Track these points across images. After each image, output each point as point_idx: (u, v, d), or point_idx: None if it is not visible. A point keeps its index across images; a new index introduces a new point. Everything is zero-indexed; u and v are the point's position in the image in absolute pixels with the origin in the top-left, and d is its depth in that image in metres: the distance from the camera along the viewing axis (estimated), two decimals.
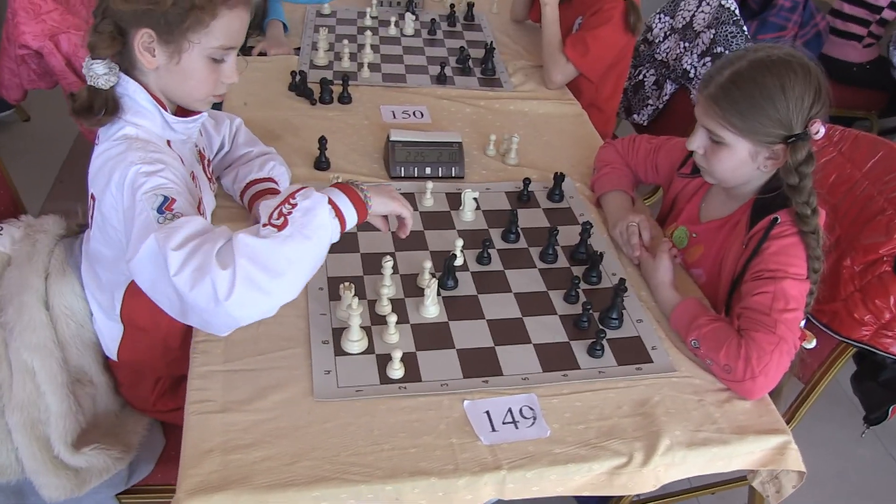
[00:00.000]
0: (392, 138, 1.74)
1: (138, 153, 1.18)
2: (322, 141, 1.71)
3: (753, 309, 1.31)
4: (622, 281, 1.41)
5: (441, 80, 2.13)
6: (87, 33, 1.22)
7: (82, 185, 1.28)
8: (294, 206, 1.09)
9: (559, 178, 1.72)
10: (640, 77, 2.57)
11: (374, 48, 2.23)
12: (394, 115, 1.96)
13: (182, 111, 1.34)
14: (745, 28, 2.30)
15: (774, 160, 1.37)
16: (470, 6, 2.52)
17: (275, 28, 2.29)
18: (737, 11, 2.33)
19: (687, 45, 2.43)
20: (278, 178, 1.58)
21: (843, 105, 3.25)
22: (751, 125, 1.33)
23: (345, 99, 1.98)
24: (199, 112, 1.34)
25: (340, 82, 2.00)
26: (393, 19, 2.38)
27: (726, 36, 2.30)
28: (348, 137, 1.86)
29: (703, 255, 1.53)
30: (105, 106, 1.22)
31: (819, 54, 3.10)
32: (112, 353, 1.41)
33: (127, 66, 1.24)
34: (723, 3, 2.36)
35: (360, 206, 1.17)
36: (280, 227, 1.06)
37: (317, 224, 1.09)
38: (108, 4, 1.19)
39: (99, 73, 1.20)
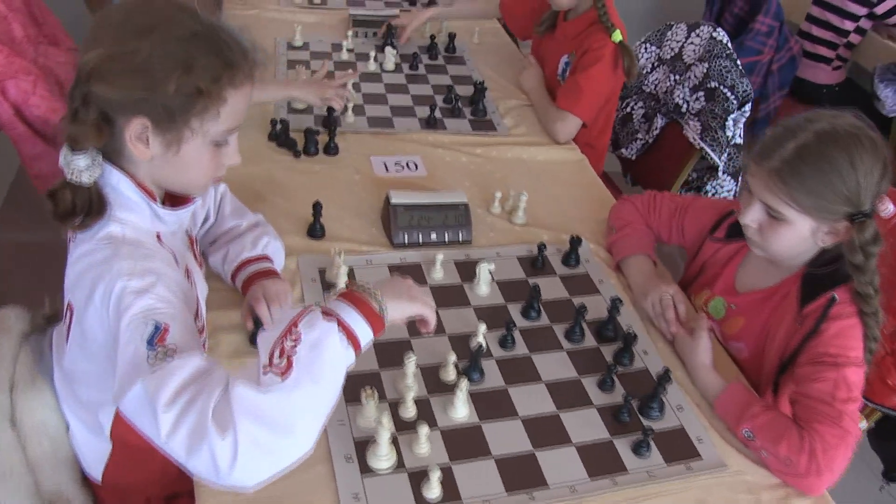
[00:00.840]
0: (393, 201, 1.59)
1: (126, 262, 1.00)
2: (317, 208, 1.55)
3: (814, 398, 1.22)
4: (667, 372, 1.29)
5: (431, 123, 1.98)
6: (65, 122, 1.03)
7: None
8: (297, 340, 0.92)
9: (575, 242, 1.60)
10: (628, 109, 2.48)
11: (356, 87, 2.06)
12: (386, 167, 1.80)
13: (172, 197, 1.16)
14: (738, 62, 2.23)
15: (835, 236, 1.28)
16: (451, 37, 2.37)
17: None
18: (729, 45, 2.26)
19: (677, 77, 2.35)
20: (273, 254, 1.41)
21: None
22: (818, 202, 1.23)
23: (331, 150, 1.81)
24: (191, 199, 1.17)
25: (325, 130, 1.83)
26: (371, 53, 2.21)
27: (720, 70, 2.22)
28: (340, 196, 1.69)
29: (745, 328, 1.44)
30: (89, 205, 1.03)
31: (794, 77, 3.07)
32: (96, 472, 1.23)
33: (109, 151, 1.06)
34: (714, 35, 2.28)
35: (375, 319, 1.00)
36: (284, 372, 0.90)
37: (327, 360, 0.93)
38: (91, 89, 1.00)
39: (81, 167, 1.02)
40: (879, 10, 2.95)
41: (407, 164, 1.82)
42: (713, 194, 2.40)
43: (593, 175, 1.92)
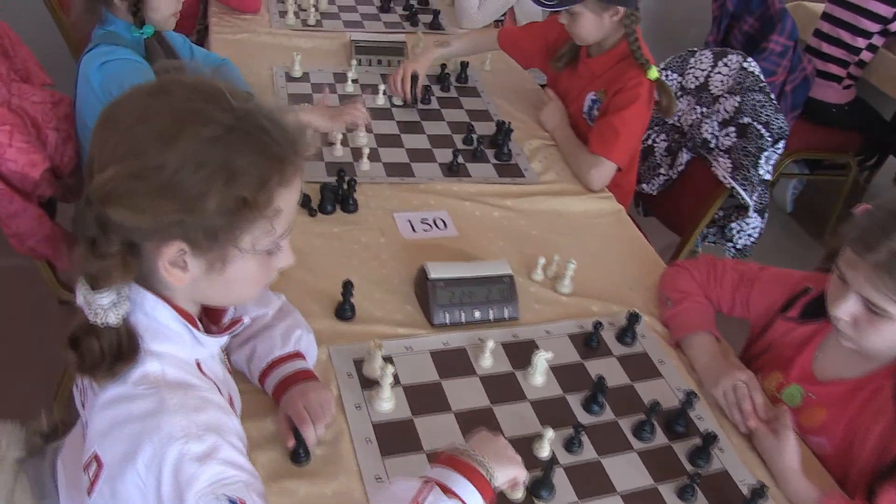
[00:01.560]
0: (431, 276, 1.41)
1: (179, 419, 0.82)
2: (347, 287, 1.36)
3: None
4: (762, 488, 1.15)
5: (454, 170, 1.80)
6: (80, 258, 0.83)
7: None
8: None
9: (633, 318, 1.44)
10: (650, 142, 2.33)
11: (368, 128, 1.87)
12: (412, 226, 1.62)
13: (212, 311, 0.98)
14: (772, 96, 2.09)
15: None
16: (463, 66, 2.18)
17: None
18: (762, 76, 2.12)
19: (704, 110, 2.20)
20: (306, 350, 1.23)
21: (821, 147, 3.14)
22: None
23: (350, 207, 1.62)
24: (239, 320, 0.98)
25: (341, 184, 1.63)
26: (381, 87, 2.02)
27: (753, 105, 2.08)
28: (366, 265, 1.51)
29: (828, 422, 1.30)
30: (118, 350, 0.84)
31: (807, 97, 2.96)
32: None
33: (138, 275, 0.87)
34: (745, 66, 2.14)
35: (486, 488, 0.88)
36: None
37: None
38: (108, 216, 0.80)
39: (105, 305, 0.82)
40: (894, 26, 2.85)
41: (434, 222, 1.64)
42: (738, 231, 2.28)
43: (633, 229, 1.77)
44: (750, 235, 2.31)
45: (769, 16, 2.83)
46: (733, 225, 2.27)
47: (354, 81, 2.06)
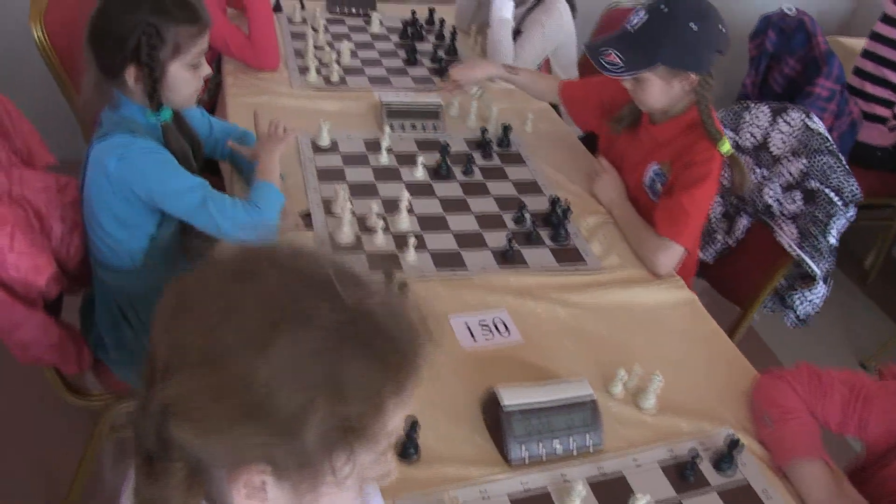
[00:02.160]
0: (505, 405, 1.23)
1: None
2: (414, 427, 1.18)
3: None
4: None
5: (508, 258, 1.62)
6: (136, 480, 0.65)
7: None
8: None
9: (733, 445, 1.26)
10: None
11: (410, 210, 1.68)
12: (471, 333, 1.44)
13: None
14: (842, 158, 1.92)
15: None
16: (505, 130, 2.00)
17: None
18: (828, 136, 1.95)
19: (765, 172, 2.03)
20: None
21: (865, 192, 2.97)
22: None
23: None
24: None
25: (388, 279, 1.45)
26: (419, 158, 1.83)
27: (822, 169, 1.92)
28: (426, 386, 1.31)
29: None
30: None
31: (854, 142, 2.80)
32: None
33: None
34: (809, 124, 1.97)
35: None
36: None
37: None
38: (172, 433, 0.62)
39: None
40: None
41: (495, 326, 1.46)
42: (800, 300, 2.10)
43: (711, 323, 1.60)
44: (812, 303, 2.13)
45: (813, 57, 2.67)
46: (796, 296, 2.10)
47: (389, 151, 1.88)
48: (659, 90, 1.67)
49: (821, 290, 2.09)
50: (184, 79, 1.48)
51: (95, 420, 1.77)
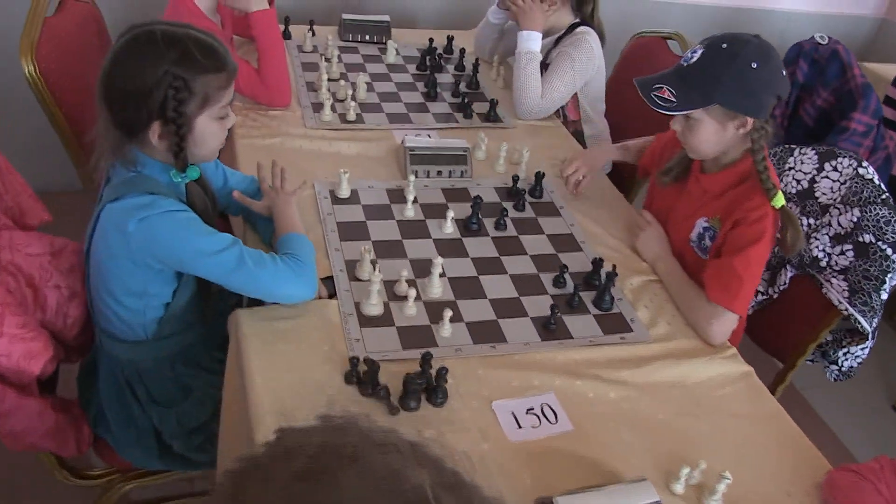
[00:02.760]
0: None
1: None
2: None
3: None
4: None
5: (551, 330, 1.49)
6: None
7: None
8: None
9: None
10: None
11: (443, 275, 1.55)
12: (517, 422, 1.31)
13: None
14: None
15: None
16: (538, 177, 1.87)
17: None
18: (882, 185, 1.83)
19: (812, 222, 1.91)
20: None
21: None
22: None
23: (438, 400, 1.30)
24: None
25: (427, 368, 1.30)
26: (449, 213, 1.69)
27: (877, 222, 1.79)
28: None
29: None
30: None
31: (889, 177, 2.68)
32: None
33: None
34: (861, 172, 1.85)
35: None
36: None
37: None
38: None
39: None
40: None
41: (543, 413, 1.33)
42: (844, 355, 1.98)
43: (772, 402, 1.47)
44: (857, 356, 2.01)
45: (848, 90, 2.54)
46: (840, 353, 1.98)
47: (415, 202, 1.74)
48: (712, 133, 1.55)
49: (868, 345, 1.97)
50: (211, 132, 1.34)
51: (97, 499, 1.63)
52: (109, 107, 1.29)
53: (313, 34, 2.44)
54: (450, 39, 2.50)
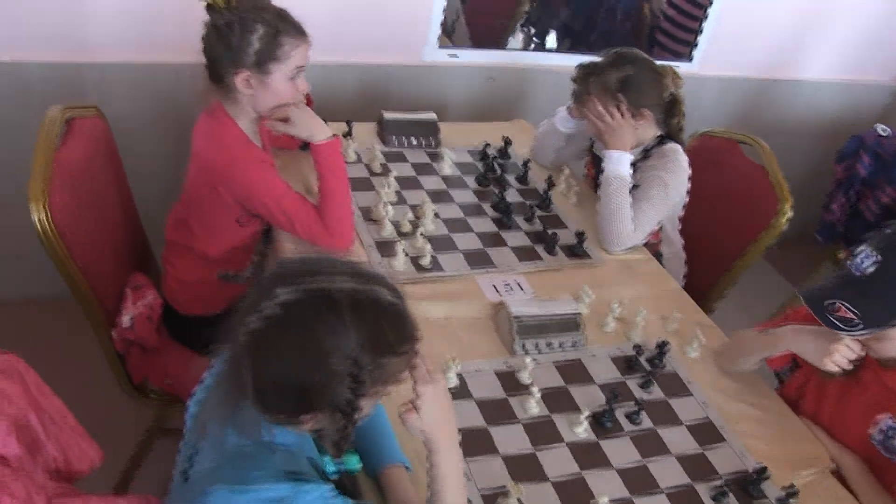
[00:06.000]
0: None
1: None
2: None
3: None
4: None
5: None
6: None
7: None
8: None
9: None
10: None
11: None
12: None
13: None
14: None
15: None
16: (662, 346, 1.61)
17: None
18: None
19: None
20: None
21: None
22: None
23: None
24: None
25: None
26: (584, 414, 1.42)
27: None
28: None
29: None
30: None
31: None
32: None
33: None
34: None
35: None
36: None
37: None
38: None
39: None
40: None
41: None
42: None
43: None
44: None
45: None
46: None
47: (533, 393, 1.45)
48: None
49: None
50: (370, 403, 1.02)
51: None
52: (262, 403, 0.96)
53: (351, 136, 2.12)
54: (506, 143, 2.21)
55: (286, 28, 1.55)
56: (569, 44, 3.05)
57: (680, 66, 3.05)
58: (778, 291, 3.24)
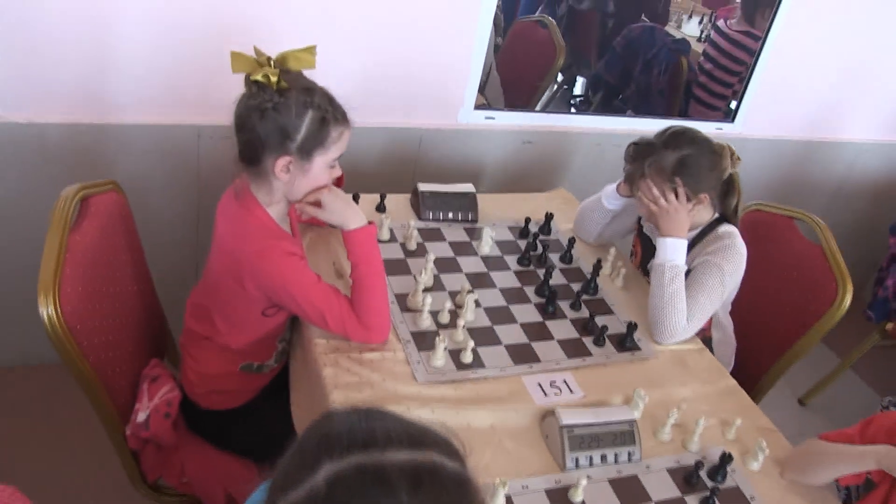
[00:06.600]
0: None
1: None
2: None
3: None
4: None
5: None
6: None
7: None
8: None
9: None
10: None
11: None
12: None
13: None
14: None
15: None
16: (725, 459, 1.47)
17: None
18: None
19: None
20: None
21: None
22: None
23: None
24: None
25: None
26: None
27: None
28: None
29: None
30: None
31: None
32: None
33: None
34: None
35: None
36: None
37: None
38: None
39: None
40: None
41: None
42: None
43: None
44: None
45: None
46: None
47: None
48: None
49: None
50: None
51: None
52: None
53: (383, 210, 2.00)
54: (548, 218, 2.08)
55: (335, 115, 1.44)
56: (601, 97, 2.94)
57: (722, 127, 2.95)
58: (822, 363, 3.08)
